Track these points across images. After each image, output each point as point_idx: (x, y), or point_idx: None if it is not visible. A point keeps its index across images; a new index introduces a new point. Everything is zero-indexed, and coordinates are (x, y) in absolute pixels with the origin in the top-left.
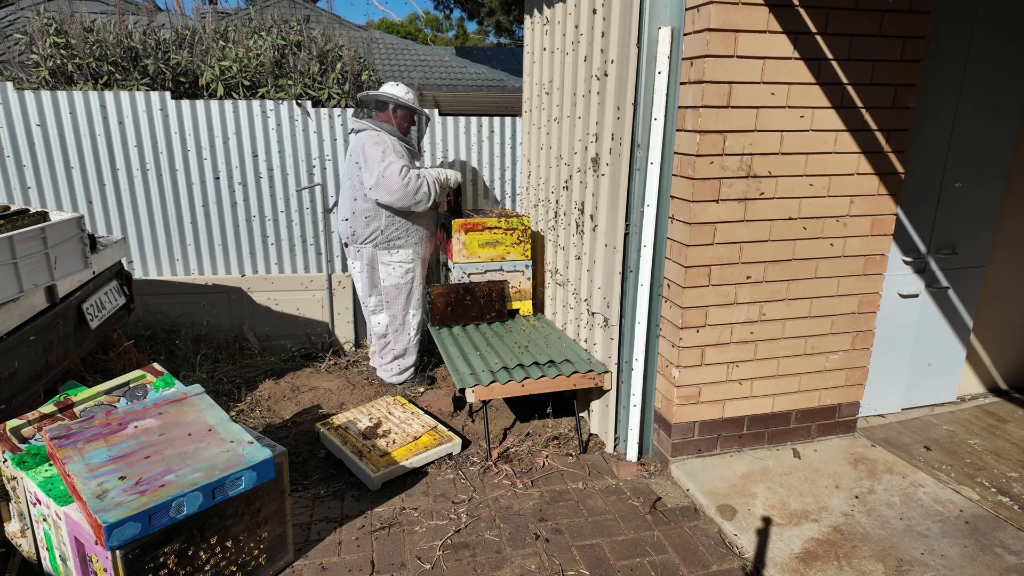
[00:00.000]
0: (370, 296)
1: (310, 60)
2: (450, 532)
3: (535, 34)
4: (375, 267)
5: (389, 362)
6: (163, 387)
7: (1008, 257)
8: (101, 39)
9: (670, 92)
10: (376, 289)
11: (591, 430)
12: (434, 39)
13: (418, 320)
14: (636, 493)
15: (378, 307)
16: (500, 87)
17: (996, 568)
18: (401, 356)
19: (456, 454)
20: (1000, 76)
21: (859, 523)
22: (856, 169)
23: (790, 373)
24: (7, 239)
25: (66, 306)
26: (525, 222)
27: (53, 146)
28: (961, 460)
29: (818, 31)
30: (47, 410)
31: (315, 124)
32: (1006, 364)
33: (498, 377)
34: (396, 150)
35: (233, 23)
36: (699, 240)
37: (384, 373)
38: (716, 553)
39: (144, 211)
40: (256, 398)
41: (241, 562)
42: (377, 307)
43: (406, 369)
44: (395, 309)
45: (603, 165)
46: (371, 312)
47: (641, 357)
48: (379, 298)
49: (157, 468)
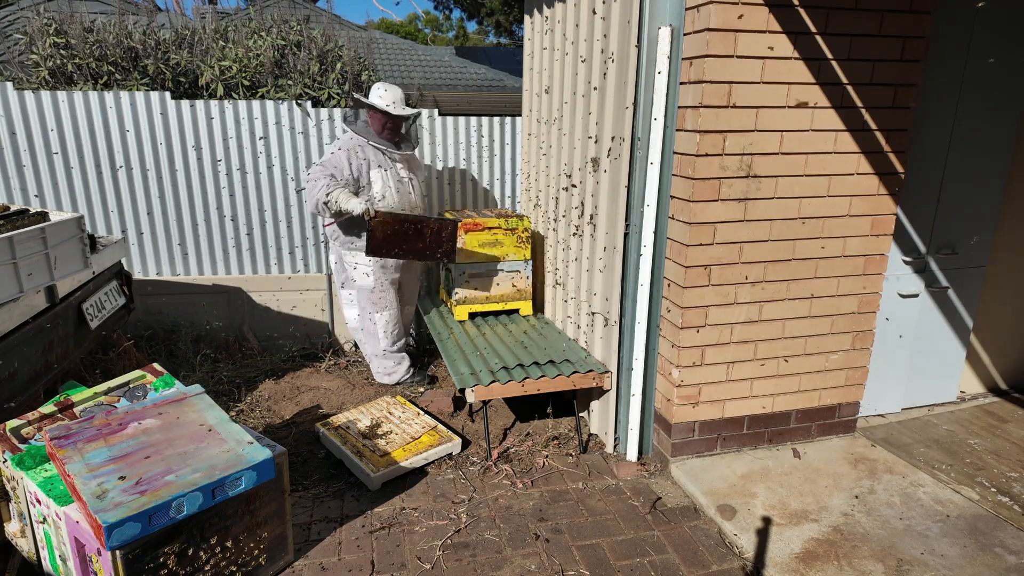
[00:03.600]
0: (343, 288)
1: (310, 60)
2: (450, 532)
3: (535, 34)
4: (343, 263)
5: (370, 362)
6: (163, 387)
7: (1008, 257)
8: (101, 39)
9: (670, 92)
10: (347, 284)
11: (591, 430)
12: (434, 39)
13: (389, 325)
14: (636, 493)
15: (349, 301)
16: (500, 87)
17: (996, 568)
18: (380, 357)
19: (456, 454)
20: (1000, 76)
21: (859, 523)
22: (856, 169)
23: (790, 373)
24: (7, 239)
25: (66, 306)
26: (525, 222)
27: (53, 146)
28: (961, 460)
29: (818, 31)
30: (47, 410)
31: (315, 124)
32: (1006, 364)
33: (498, 377)
34: (344, 152)
35: (233, 23)
36: (699, 240)
37: (374, 373)
38: (716, 553)
39: (144, 211)
40: (256, 398)
41: (241, 562)
42: (348, 301)
43: (391, 372)
44: (361, 307)
45: (603, 165)
46: (344, 305)
47: (641, 357)
48: (350, 293)
49: (157, 468)
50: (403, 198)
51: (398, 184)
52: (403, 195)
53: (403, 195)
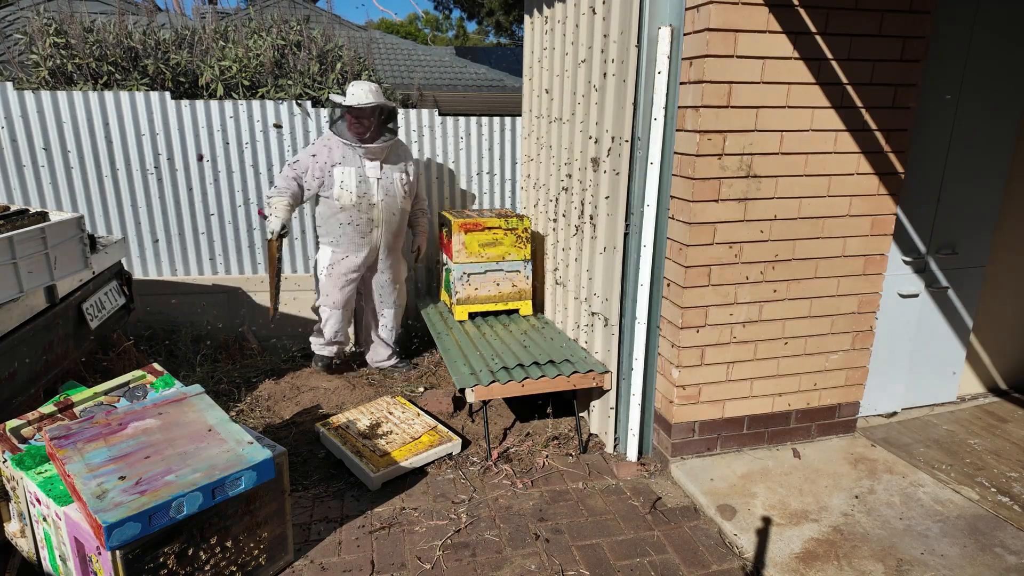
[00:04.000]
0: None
1: (310, 60)
2: (450, 532)
3: (535, 34)
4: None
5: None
6: (163, 387)
7: (1008, 257)
8: (101, 39)
9: (670, 92)
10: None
11: (591, 430)
12: (434, 39)
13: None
14: (636, 493)
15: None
16: (500, 87)
17: (996, 568)
18: (315, 335)
19: (456, 454)
20: (1000, 76)
21: (859, 523)
22: (856, 169)
23: (790, 373)
24: (7, 239)
25: (66, 306)
26: (525, 222)
27: (53, 146)
28: (961, 460)
29: (818, 31)
30: (47, 410)
31: (315, 124)
32: (1006, 364)
33: (498, 377)
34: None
35: (233, 23)
36: (699, 240)
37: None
38: (716, 553)
39: (144, 211)
40: (256, 398)
41: (241, 562)
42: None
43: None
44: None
45: (603, 165)
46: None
47: (641, 357)
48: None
49: (157, 468)
50: (364, 197)
51: (361, 182)
52: (364, 193)
53: (364, 193)
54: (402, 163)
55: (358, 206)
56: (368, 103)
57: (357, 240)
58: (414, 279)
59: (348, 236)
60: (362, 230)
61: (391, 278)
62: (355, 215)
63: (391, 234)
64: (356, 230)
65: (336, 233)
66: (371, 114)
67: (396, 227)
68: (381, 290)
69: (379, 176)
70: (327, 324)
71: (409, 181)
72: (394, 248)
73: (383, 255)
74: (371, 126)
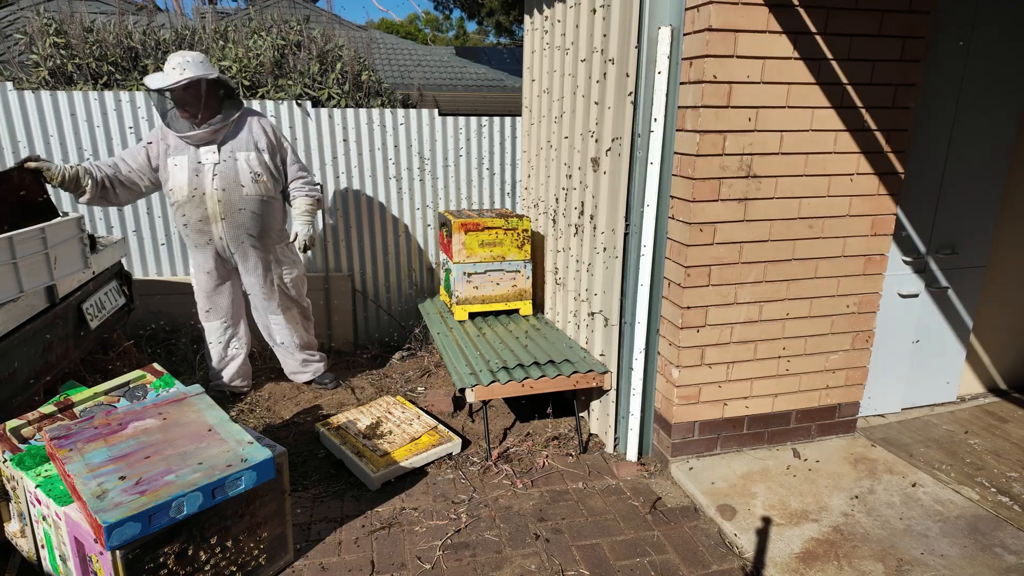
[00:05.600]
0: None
1: (310, 60)
2: (450, 532)
3: (535, 34)
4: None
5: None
6: (163, 387)
7: (1008, 257)
8: (101, 39)
9: (670, 92)
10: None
11: (591, 430)
12: (434, 39)
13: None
14: (636, 493)
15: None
16: (500, 87)
17: (996, 568)
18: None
19: (456, 454)
20: (1000, 76)
21: (859, 523)
22: (856, 169)
23: (790, 373)
24: (7, 239)
25: (66, 306)
26: (525, 222)
27: (53, 146)
28: (961, 460)
29: (818, 31)
30: (47, 410)
31: (315, 124)
32: (1006, 364)
33: (498, 377)
34: (146, 143)
35: (233, 23)
36: (699, 240)
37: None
38: (716, 553)
39: (144, 211)
40: (256, 398)
41: (241, 562)
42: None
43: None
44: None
45: (603, 165)
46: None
47: (641, 357)
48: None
49: (157, 468)
50: (196, 189)
51: (194, 172)
52: (197, 186)
53: (197, 186)
54: (254, 141)
55: (191, 201)
56: (175, 82)
57: (197, 240)
58: (414, 279)
59: (190, 237)
60: (200, 227)
61: (260, 280)
62: (189, 211)
63: (238, 228)
64: (194, 228)
65: (183, 234)
66: (193, 93)
67: (246, 220)
68: (253, 296)
69: (216, 161)
70: (212, 343)
71: (264, 161)
72: (257, 245)
73: (239, 255)
74: (199, 107)
